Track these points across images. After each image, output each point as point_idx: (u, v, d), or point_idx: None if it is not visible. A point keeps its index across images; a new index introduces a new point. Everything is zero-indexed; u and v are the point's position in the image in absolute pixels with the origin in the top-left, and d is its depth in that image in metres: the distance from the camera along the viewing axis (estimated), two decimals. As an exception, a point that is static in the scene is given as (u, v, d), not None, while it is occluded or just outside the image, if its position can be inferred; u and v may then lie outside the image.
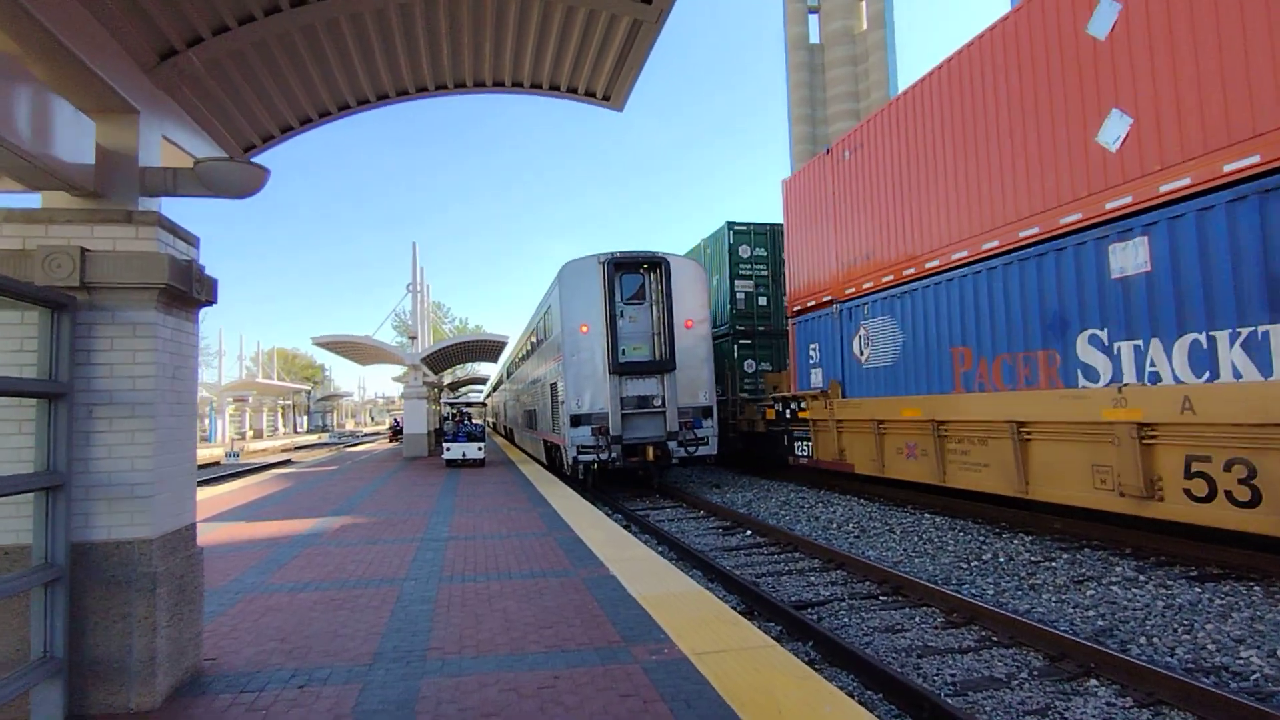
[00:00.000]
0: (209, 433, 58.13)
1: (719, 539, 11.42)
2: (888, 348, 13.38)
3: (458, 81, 6.29)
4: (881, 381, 13.53)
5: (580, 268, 16.65)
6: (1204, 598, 6.95)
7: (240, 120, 5.51)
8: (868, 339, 14.03)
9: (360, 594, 6.52)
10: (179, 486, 4.36)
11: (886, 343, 13.41)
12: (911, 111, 12.88)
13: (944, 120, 11.99)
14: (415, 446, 26.63)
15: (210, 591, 6.74)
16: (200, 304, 4.61)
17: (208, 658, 4.85)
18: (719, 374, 19.15)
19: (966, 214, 11.44)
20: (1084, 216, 9.25)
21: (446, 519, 10.98)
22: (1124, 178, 8.71)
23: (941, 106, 12.07)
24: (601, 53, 5.82)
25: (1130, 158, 8.65)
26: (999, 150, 10.80)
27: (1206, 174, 7.72)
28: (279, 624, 5.65)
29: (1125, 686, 5.17)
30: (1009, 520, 11.00)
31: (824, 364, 15.68)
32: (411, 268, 29.78)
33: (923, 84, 12.56)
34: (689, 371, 16.39)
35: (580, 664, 4.61)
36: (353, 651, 4.94)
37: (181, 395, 4.41)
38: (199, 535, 10.01)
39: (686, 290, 16.67)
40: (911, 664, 5.88)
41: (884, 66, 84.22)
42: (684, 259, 17.28)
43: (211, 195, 4.53)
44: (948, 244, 11.88)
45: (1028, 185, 10.22)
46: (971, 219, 11.31)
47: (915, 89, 12.80)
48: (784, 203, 17.98)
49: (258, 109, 5.51)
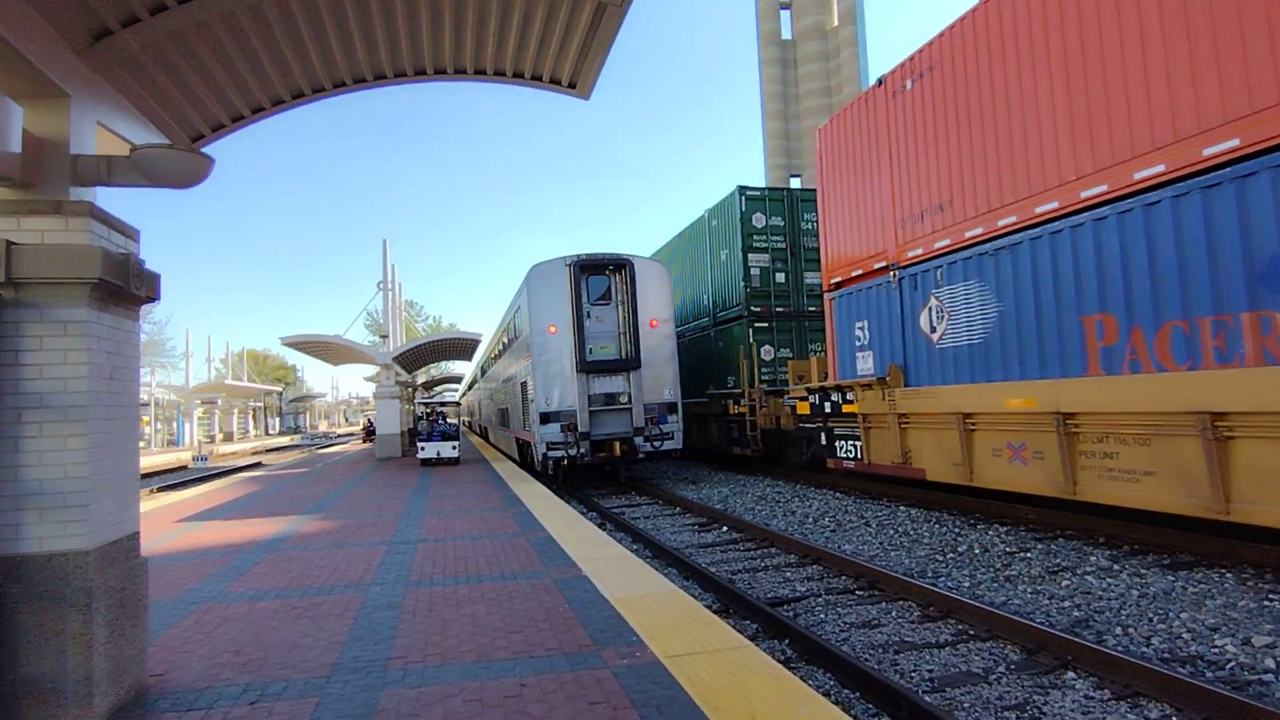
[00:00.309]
0: (177, 436, 57.00)
1: (695, 535, 11.30)
2: (973, 321, 10.58)
3: (418, 69, 6.07)
4: (964, 364, 10.75)
5: (548, 270, 17.03)
6: (1177, 586, 6.95)
7: (187, 108, 5.25)
8: (942, 311, 11.20)
9: (323, 601, 6.29)
10: (119, 494, 4.12)
11: (971, 314, 10.62)
12: (1013, 7, 9.83)
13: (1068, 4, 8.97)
14: (388, 447, 26.21)
15: (164, 602, 6.47)
16: (141, 300, 4.36)
17: (154, 673, 4.61)
18: (733, 362, 18.48)
19: (1106, 135, 8.52)
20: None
21: (417, 520, 10.73)
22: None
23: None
24: (565, 38, 5.64)
25: None
26: (1173, 29, 7.70)
27: None
28: (234, 635, 5.41)
29: (1103, 678, 5.12)
30: (983, 511, 11.00)
31: (876, 345, 12.90)
32: (382, 265, 29.31)
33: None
34: (654, 369, 16.91)
35: (549, 670, 4.45)
36: (311, 663, 4.73)
37: (120, 397, 4.16)
38: (161, 543, 9.74)
39: (651, 291, 17.18)
40: (889, 660, 5.79)
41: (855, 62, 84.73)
42: (648, 260, 17.73)
43: (151, 185, 4.28)
44: (1072, 179, 8.96)
45: (1219, 79, 7.29)
46: (1115, 141, 8.42)
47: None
48: (818, 155, 15.05)
49: (205, 96, 5.25)
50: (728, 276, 19.27)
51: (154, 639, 5.39)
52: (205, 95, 5.19)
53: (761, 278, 18.47)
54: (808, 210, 18.74)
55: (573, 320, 16.51)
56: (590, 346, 16.58)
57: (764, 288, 18.46)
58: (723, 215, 19.55)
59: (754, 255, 18.50)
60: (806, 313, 18.67)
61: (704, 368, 20.95)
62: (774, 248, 18.63)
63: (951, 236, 11.08)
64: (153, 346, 58.05)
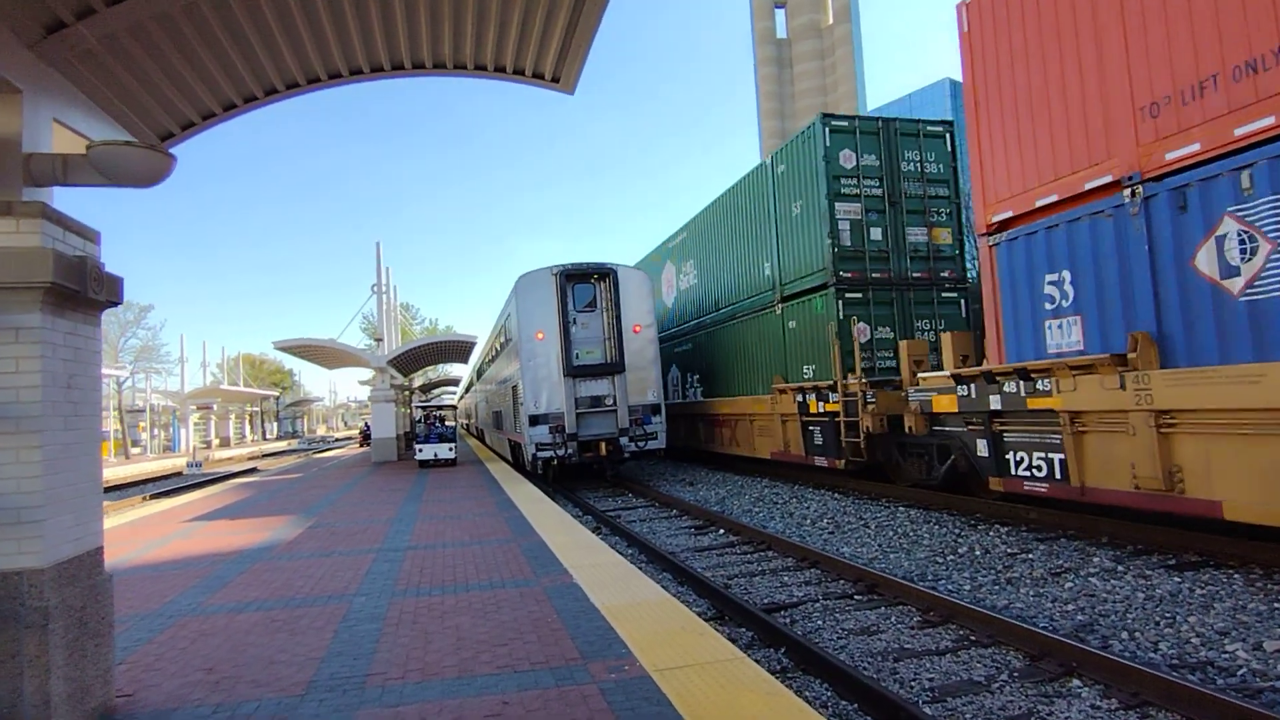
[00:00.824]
0: (173, 442, 56.77)
1: (691, 539, 11.11)
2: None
3: (395, 63, 5.88)
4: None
5: (535, 279, 17.70)
6: (1184, 588, 6.77)
7: (153, 105, 5.06)
8: (1252, 241, 7.11)
9: (304, 614, 6.10)
10: (78, 508, 3.93)
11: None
12: None
13: None
14: (384, 451, 26.00)
15: (143, 615, 6.28)
16: (102, 305, 4.17)
17: (122, 694, 4.42)
18: (813, 347, 15.01)
19: None
20: None
21: (408, 527, 10.54)
22: None
23: None
24: (546, 30, 5.45)
25: None
26: None
27: None
28: (210, 651, 5.21)
29: (1109, 686, 4.93)
30: (983, 512, 10.81)
31: (1091, 308, 8.95)
32: (376, 267, 29.11)
33: None
34: (637, 372, 17.52)
35: (533, 686, 4.26)
36: (286, 680, 4.54)
37: (80, 407, 3.97)
38: (145, 553, 9.54)
39: (633, 297, 17.83)
40: (888, 669, 5.61)
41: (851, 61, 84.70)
42: (631, 269, 18.42)
43: (111, 184, 4.09)
44: None
45: None
46: None
47: None
48: (965, 41, 10.95)
49: (172, 92, 5.06)
50: (804, 236, 15.15)
51: (128, 655, 5.20)
52: (171, 91, 5.00)
53: (853, 234, 14.30)
54: (908, 147, 14.75)
55: (559, 327, 17.15)
56: (576, 351, 17.23)
57: (856, 247, 14.29)
58: (796, 157, 15.41)
59: (842, 204, 14.26)
60: (911, 280, 14.56)
61: (761, 358, 17.43)
62: (868, 194, 14.43)
63: (1276, 112, 6.94)
64: (147, 352, 57.90)
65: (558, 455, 16.67)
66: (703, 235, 21.23)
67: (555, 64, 5.80)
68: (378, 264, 28.88)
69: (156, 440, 57.99)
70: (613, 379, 17.25)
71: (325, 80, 5.74)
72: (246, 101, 5.61)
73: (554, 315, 17.21)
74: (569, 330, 17.20)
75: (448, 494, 14.46)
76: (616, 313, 17.42)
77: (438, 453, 21.68)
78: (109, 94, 4.66)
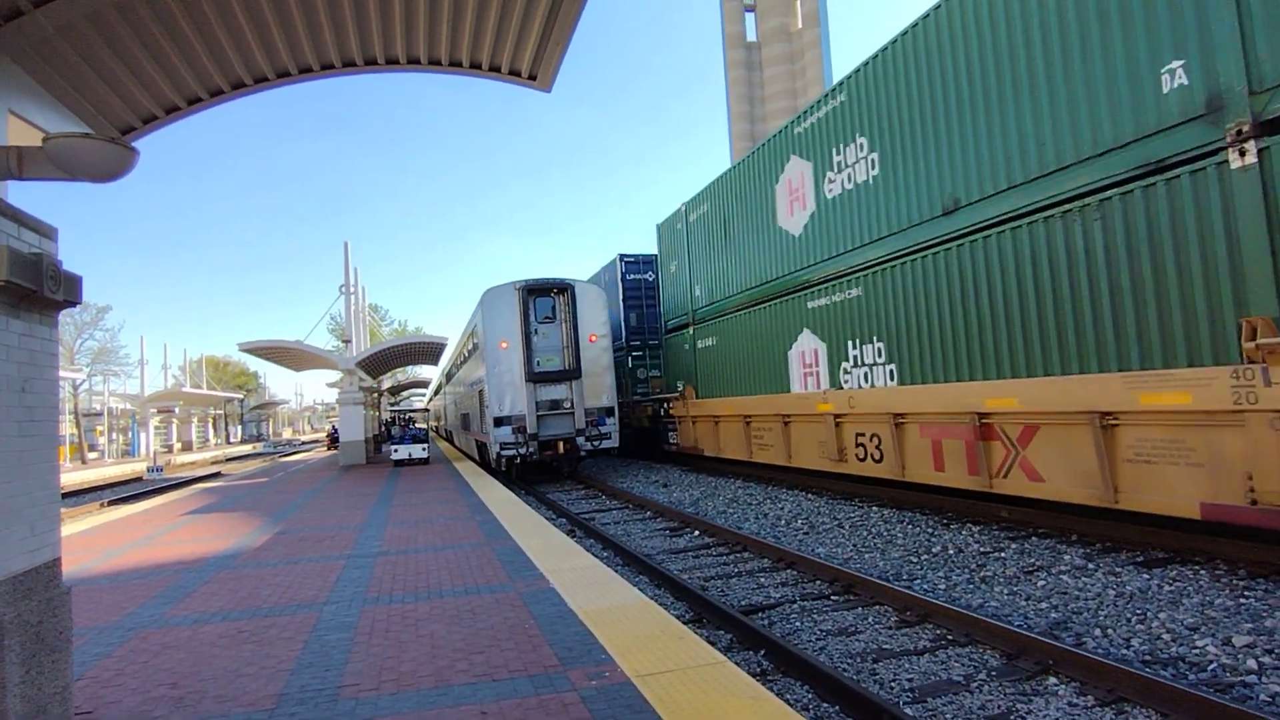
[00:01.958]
0: (132, 446, 55.31)
1: (666, 540, 11.06)
2: None
3: (368, 58, 5.75)
4: None
5: (499, 293, 19.21)
6: (1153, 584, 6.89)
7: (113, 97, 4.87)
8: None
9: (272, 624, 5.92)
10: (34, 519, 3.75)
11: None
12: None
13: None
14: (352, 454, 25.56)
15: (102, 628, 6.05)
16: (59, 305, 3.99)
17: (81, 711, 4.23)
18: None
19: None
20: None
21: (379, 532, 10.34)
22: None
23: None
24: (524, 26, 5.37)
25: None
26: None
27: None
28: (173, 664, 5.03)
29: (1085, 684, 4.98)
30: (956, 510, 10.92)
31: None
32: (344, 268, 28.61)
33: None
34: (593, 378, 19.17)
35: (512, 695, 4.17)
36: (254, 694, 4.39)
37: (35, 411, 3.79)
38: (104, 562, 9.21)
39: (590, 310, 19.45)
40: (867, 669, 5.61)
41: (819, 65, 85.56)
42: (587, 284, 19.94)
43: (69, 178, 3.91)
44: None
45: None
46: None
47: None
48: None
49: (133, 85, 4.88)
50: None
51: (87, 670, 4.99)
52: (133, 84, 4.82)
53: None
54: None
55: (521, 336, 18.71)
56: (537, 359, 18.80)
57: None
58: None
59: None
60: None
61: None
62: None
63: None
64: (105, 354, 56.27)
65: (520, 454, 18.16)
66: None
67: (532, 61, 5.72)
68: (346, 264, 28.40)
69: (115, 445, 56.43)
70: (570, 384, 18.85)
71: (296, 75, 5.58)
72: (212, 95, 5.44)
73: (517, 326, 18.77)
74: (530, 340, 18.78)
75: (419, 497, 14.23)
76: (574, 324, 19.03)
77: (412, 452, 23.43)
78: (67, 85, 4.47)
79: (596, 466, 23.04)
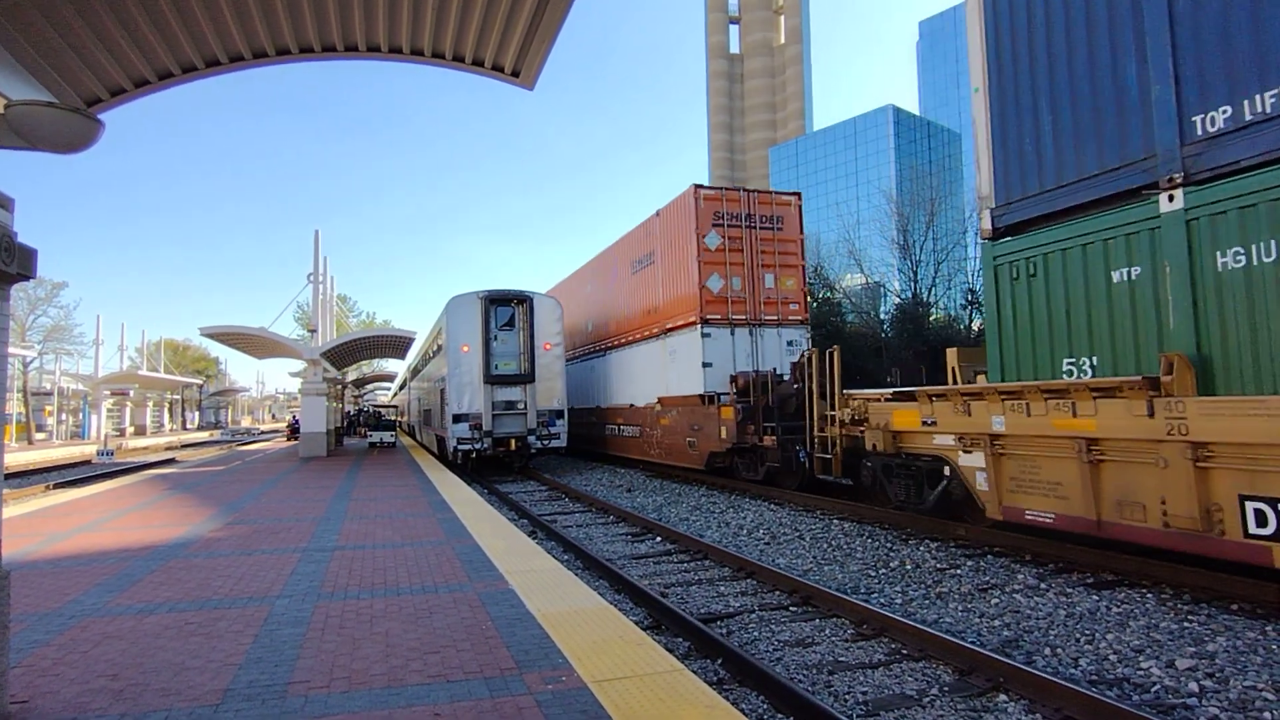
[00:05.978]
0: (82, 429, 53.73)
1: (628, 545, 11.04)
2: None
3: (348, 44, 5.66)
4: None
5: (463, 301, 21.00)
6: (1101, 606, 7.04)
7: (81, 68, 4.72)
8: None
9: (221, 616, 5.77)
10: (-27, 498, 3.60)
11: None
12: None
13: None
14: (313, 446, 25.08)
15: (40, 615, 5.84)
16: (12, 279, 3.85)
17: (16, 700, 4.07)
18: None
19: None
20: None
21: (336, 526, 10.14)
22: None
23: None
24: (509, 22, 5.33)
25: None
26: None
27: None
28: (115, 655, 4.87)
29: (1034, 702, 5.07)
30: (914, 526, 11.07)
31: None
32: (314, 256, 28.12)
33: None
34: (546, 382, 20.98)
35: (466, 697, 4.11)
36: (199, 689, 4.26)
37: (-19, 387, 3.65)
38: (47, 547, 8.89)
39: (545, 320, 21.29)
40: (822, 681, 5.64)
41: (800, 80, 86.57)
42: (544, 296, 21.91)
43: (30, 147, 3.78)
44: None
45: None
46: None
47: None
48: None
49: (103, 56, 4.74)
50: None
51: (24, 658, 4.81)
52: (103, 55, 4.68)
53: None
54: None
55: (482, 341, 20.49)
56: (495, 363, 20.59)
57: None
58: None
59: None
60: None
61: None
62: None
63: None
64: (59, 332, 54.65)
65: (475, 449, 20.05)
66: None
67: (516, 57, 5.68)
68: (315, 252, 27.93)
69: (64, 426, 54.77)
70: (525, 387, 20.66)
71: (273, 56, 5.47)
72: (186, 72, 5.31)
73: (478, 332, 20.53)
74: (490, 345, 20.59)
75: (379, 491, 14.01)
76: (531, 332, 20.86)
77: (383, 437, 30.44)
78: (32, 52, 4.32)
79: (559, 466, 23.04)
